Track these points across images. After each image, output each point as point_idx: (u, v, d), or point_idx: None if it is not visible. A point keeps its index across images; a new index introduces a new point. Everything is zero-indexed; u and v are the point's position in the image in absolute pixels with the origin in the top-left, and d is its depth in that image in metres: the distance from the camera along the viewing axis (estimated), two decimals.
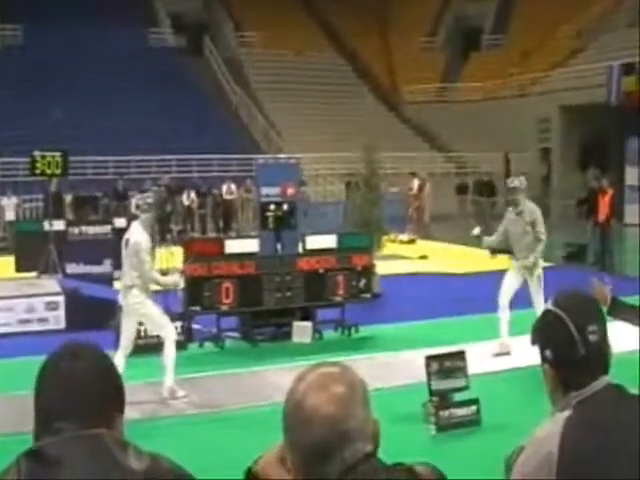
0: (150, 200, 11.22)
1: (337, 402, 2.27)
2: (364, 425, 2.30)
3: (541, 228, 13.11)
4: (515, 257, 13.22)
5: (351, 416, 2.27)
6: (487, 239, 13.57)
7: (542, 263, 13.22)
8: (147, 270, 10.73)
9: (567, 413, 2.98)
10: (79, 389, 2.51)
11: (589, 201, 23.92)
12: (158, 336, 12.83)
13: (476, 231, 13.73)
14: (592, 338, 3.04)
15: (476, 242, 14.21)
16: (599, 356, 3.06)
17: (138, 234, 10.76)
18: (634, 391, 3.09)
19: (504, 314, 12.96)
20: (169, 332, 11.03)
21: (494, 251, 22.91)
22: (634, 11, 42.11)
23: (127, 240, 10.82)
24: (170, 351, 10.86)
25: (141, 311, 10.94)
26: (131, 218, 25.83)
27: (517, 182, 13.25)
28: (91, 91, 39.85)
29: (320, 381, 2.32)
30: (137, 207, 11.58)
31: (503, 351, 12.91)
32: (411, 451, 7.34)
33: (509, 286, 13.05)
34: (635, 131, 33.44)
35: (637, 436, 2.95)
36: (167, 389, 10.98)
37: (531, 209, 13.16)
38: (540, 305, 12.51)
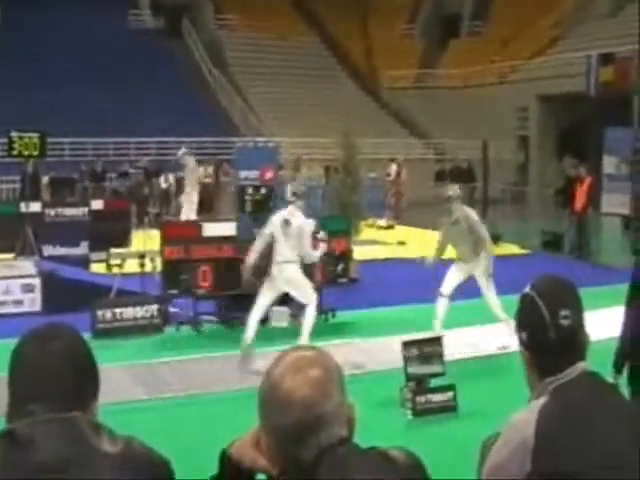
0: (304, 188, 12.96)
1: (313, 385, 2.27)
2: (340, 409, 2.31)
3: (481, 230, 13.06)
4: (461, 259, 13.24)
5: (327, 399, 2.28)
6: (429, 259, 13.53)
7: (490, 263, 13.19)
8: (308, 251, 12.02)
9: (543, 400, 2.99)
10: (53, 371, 2.49)
11: (566, 190, 23.98)
12: (134, 319, 12.91)
13: (418, 261, 13.75)
14: (564, 322, 3.05)
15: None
16: (571, 341, 3.07)
17: (302, 219, 12.03)
18: (609, 379, 3.11)
19: (443, 303, 13.02)
20: (313, 300, 12.17)
21: None
22: (613, 1, 42.22)
23: (288, 221, 11.94)
24: (312, 313, 12.08)
25: (295, 283, 12.03)
26: (108, 199, 25.83)
27: (451, 192, 13.34)
28: (69, 71, 39.58)
29: (296, 364, 2.32)
30: (294, 194, 12.43)
31: None
32: (387, 436, 7.35)
33: (453, 277, 13.13)
34: (613, 121, 33.53)
35: (611, 423, 2.97)
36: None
37: (465, 215, 13.14)
38: (495, 302, 12.59)
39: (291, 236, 11.91)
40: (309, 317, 12.04)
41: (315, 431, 2.26)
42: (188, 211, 27.46)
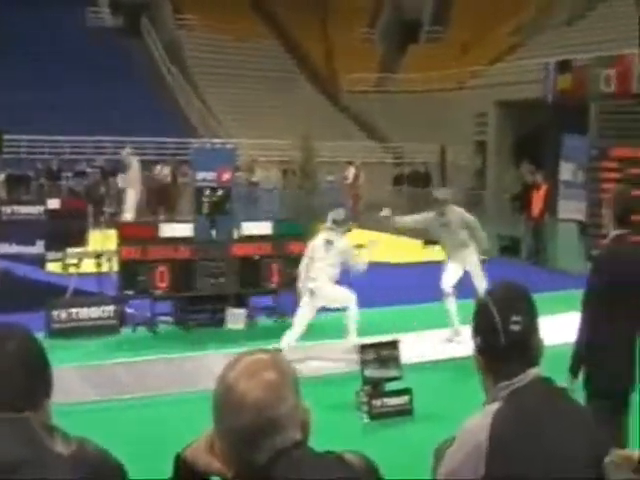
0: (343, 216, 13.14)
1: (267, 388, 2.28)
2: (294, 412, 2.31)
3: (473, 225, 13.52)
4: (450, 254, 13.41)
5: (281, 403, 2.28)
6: (399, 219, 13.83)
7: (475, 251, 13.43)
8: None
9: (497, 405, 3.02)
10: (3, 372, 2.47)
11: (523, 196, 24.14)
12: (89, 319, 12.87)
13: (385, 212, 13.99)
14: (514, 328, 3.08)
15: (412, 232, 14.35)
16: (523, 346, 3.11)
17: (344, 240, 12.85)
18: (562, 384, 3.14)
19: (450, 300, 13.23)
20: (352, 299, 12.75)
21: (427, 242, 23.06)
22: (571, 9, 42.55)
23: (331, 241, 12.57)
24: (354, 313, 12.68)
25: (334, 298, 12.76)
26: (65, 198, 25.62)
27: (439, 194, 13.67)
28: (26, 69, 39.29)
29: (250, 368, 2.32)
30: (334, 222, 12.83)
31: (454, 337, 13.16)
32: (343, 439, 7.36)
33: (452, 272, 13.32)
34: (570, 128, 33.78)
35: (563, 429, 2.99)
36: (351, 344, 12.07)
37: (455, 218, 13.38)
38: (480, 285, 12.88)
39: (332, 256, 12.56)
40: (351, 316, 12.60)
41: (269, 434, 2.26)
42: (129, 210, 27.41)
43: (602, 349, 6.68)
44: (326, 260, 12.45)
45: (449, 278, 13.32)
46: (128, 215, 26.67)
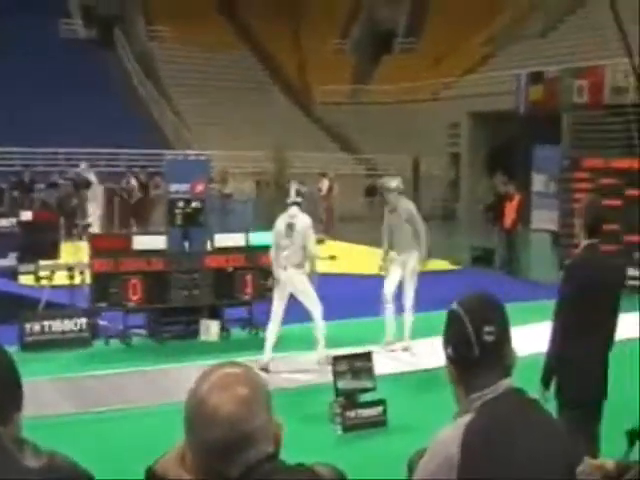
0: (306, 188, 12.92)
1: (240, 402, 2.27)
2: (267, 426, 2.31)
3: (418, 222, 13.37)
4: (396, 252, 13.46)
5: (253, 417, 2.28)
6: (382, 263, 13.79)
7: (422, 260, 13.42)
8: (312, 247, 12.52)
9: (469, 417, 3.02)
10: None
11: (496, 206, 24.25)
12: (62, 332, 12.82)
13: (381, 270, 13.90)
14: (487, 339, 3.08)
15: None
16: (495, 357, 3.11)
17: (304, 217, 12.51)
18: (534, 395, 3.15)
19: (389, 311, 13.30)
20: (318, 308, 12.42)
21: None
22: (543, 21, 42.81)
23: (292, 224, 12.34)
24: (320, 324, 12.41)
25: (301, 287, 12.36)
26: (37, 210, 25.52)
27: (393, 183, 13.58)
28: None
29: (223, 381, 2.32)
30: (298, 193, 12.74)
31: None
32: (316, 451, 7.35)
33: (392, 276, 13.33)
34: (542, 139, 33.95)
35: (535, 440, 3.00)
36: (322, 356, 12.02)
37: (405, 207, 13.40)
38: (409, 300, 12.88)
39: (296, 237, 12.29)
40: (319, 327, 12.43)
41: (242, 448, 2.25)
42: (93, 225, 27.34)
43: (573, 359, 6.72)
44: (291, 247, 12.29)
45: (389, 282, 13.37)
46: (94, 229, 26.60)
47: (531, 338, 9.46)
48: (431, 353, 11.94)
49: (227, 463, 2.25)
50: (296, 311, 15.47)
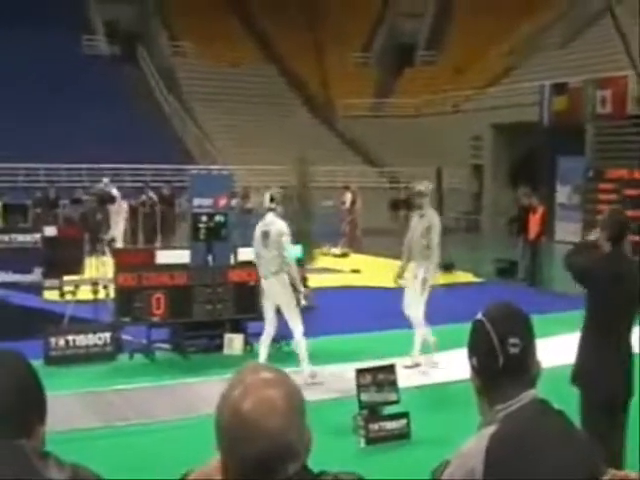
0: (282, 193, 12.65)
1: (279, 415, 2.20)
2: (303, 437, 2.26)
3: (434, 236, 13.09)
4: (413, 259, 13.34)
5: (293, 429, 2.22)
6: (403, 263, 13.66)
7: (433, 274, 13.31)
8: (289, 254, 12.02)
9: (493, 428, 3.00)
10: None
11: (520, 218, 24.20)
12: (86, 346, 12.86)
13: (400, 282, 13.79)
14: (512, 350, 3.06)
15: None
16: (520, 368, 3.09)
17: (279, 222, 12.07)
18: (558, 406, 3.12)
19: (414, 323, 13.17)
20: (299, 323, 12.12)
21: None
22: (566, 31, 42.72)
23: (267, 231, 12.04)
24: (302, 342, 12.14)
25: (280, 299, 12.13)
26: (61, 226, 25.65)
27: (422, 187, 13.39)
28: (23, 96, 39.38)
29: (261, 392, 2.23)
30: (272, 199, 12.27)
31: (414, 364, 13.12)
32: (340, 463, 7.31)
33: (407, 292, 13.25)
34: (565, 150, 33.89)
35: (560, 451, 2.98)
36: (306, 374, 11.81)
37: (431, 215, 13.25)
38: (415, 311, 12.79)
39: (272, 243, 12.00)
40: (299, 343, 12.22)
41: (282, 461, 2.20)
42: (117, 240, 27.44)
43: (596, 365, 6.73)
44: (267, 256, 12.11)
45: (406, 297, 13.30)
46: (117, 244, 26.71)
47: (555, 350, 9.42)
48: (455, 365, 11.91)
49: (266, 477, 2.19)
50: (320, 324, 15.52)
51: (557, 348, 9.64)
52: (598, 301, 6.85)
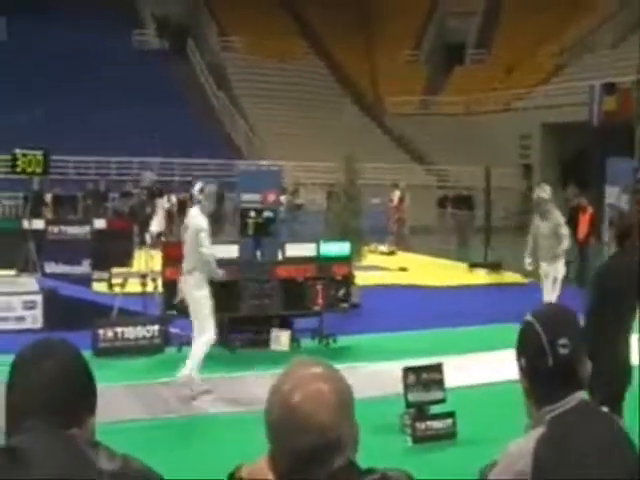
0: (213, 189, 11.56)
1: (329, 409, 2.23)
2: (351, 431, 2.29)
3: (564, 232, 13.97)
4: (542, 261, 13.64)
5: (342, 423, 2.25)
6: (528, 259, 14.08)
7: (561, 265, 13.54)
8: (204, 248, 11.09)
9: (541, 430, 2.99)
10: (47, 387, 2.48)
11: (569, 219, 24.05)
12: (135, 338, 12.95)
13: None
14: (562, 351, 3.05)
15: (456, 256, 14.35)
16: (569, 370, 3.07)
17: (198, 217, 11.18)
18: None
19: None
20: (210, 327, 11.26)
21: (472, 265, 22.93)
22: (617, 32, 42.38)
23: (186, 226, 11.45)
24: (201, 349, 11.17)
25: (195, 295, 11.25)
26: (111, 219, 25.89)
27: (543, 193, 13.68)
28: (74, 90, 39.73)
29: (311, 386, 2.26)
30: (201, 191, 11.47)
31: None
32: (387, 461, 7.32)
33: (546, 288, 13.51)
34: (615, 151, 33.60)
35: (607, 454, 2.97)
36: (182, 376, 11.07)
37: (556, 217, 13.69)
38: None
39: (189, 239, 11.33)
40: (197, 348, 11.29)
41: (330, 455, 2.23)
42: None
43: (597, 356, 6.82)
44: (185, 252, 11.43)
45: (546, 294, 13.54)
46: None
47: None
48: (503, 366, 11.86)
49: (314, 470, 2.22)
50: (367, 322, 15.54)
51: None
52: (596, 298, 7.06)
